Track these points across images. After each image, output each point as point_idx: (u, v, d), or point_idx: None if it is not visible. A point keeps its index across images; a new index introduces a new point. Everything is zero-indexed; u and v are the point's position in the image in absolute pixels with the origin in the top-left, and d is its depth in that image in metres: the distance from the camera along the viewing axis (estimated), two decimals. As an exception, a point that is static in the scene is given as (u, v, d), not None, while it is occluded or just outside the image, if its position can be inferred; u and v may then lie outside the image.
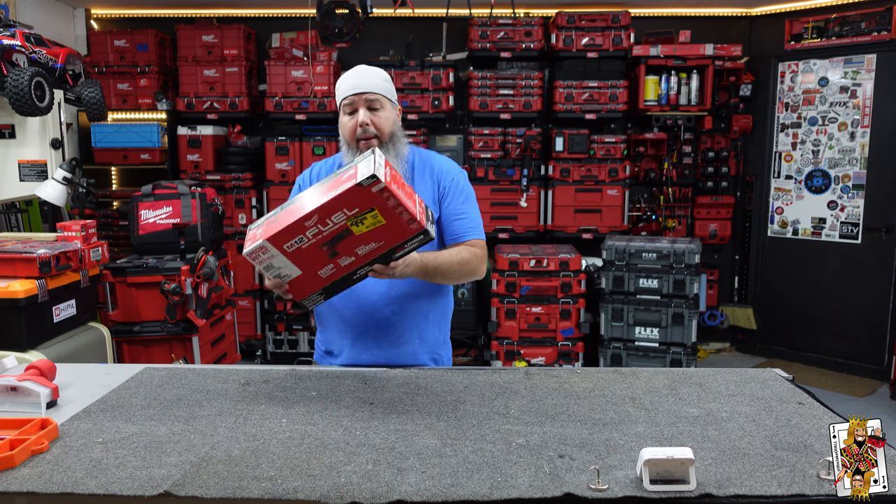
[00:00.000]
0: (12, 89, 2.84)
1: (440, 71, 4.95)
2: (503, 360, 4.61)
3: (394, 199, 1.43)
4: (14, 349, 2.49)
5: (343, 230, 1.47)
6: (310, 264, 1.53)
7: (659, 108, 5.07)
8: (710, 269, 5.51)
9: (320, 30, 4.32)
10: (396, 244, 1.52)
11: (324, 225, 1.45)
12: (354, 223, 1.46)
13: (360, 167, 1.45)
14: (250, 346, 5.22)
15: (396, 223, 1.47)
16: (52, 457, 1.29)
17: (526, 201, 5.00)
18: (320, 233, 1.47)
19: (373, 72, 1.89)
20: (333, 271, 1.55)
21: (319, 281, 1.57)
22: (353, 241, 1.49)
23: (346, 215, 1.44)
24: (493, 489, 1.17)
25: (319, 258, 1.51)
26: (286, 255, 1.50)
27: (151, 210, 3.80)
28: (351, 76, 1.88)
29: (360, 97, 1.84)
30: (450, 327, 2.07)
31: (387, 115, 1.87)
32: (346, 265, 1.54)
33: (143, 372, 1.82)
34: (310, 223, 1.45)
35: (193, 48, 5.08)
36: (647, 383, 1.73)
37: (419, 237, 1.52)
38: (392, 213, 1.45)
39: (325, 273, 1.55)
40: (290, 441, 1.37)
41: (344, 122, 1.88)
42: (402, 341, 1.91)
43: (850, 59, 4.92)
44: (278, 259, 1.51)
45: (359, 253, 1.52)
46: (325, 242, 1.48)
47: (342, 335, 1.93)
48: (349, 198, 1.42)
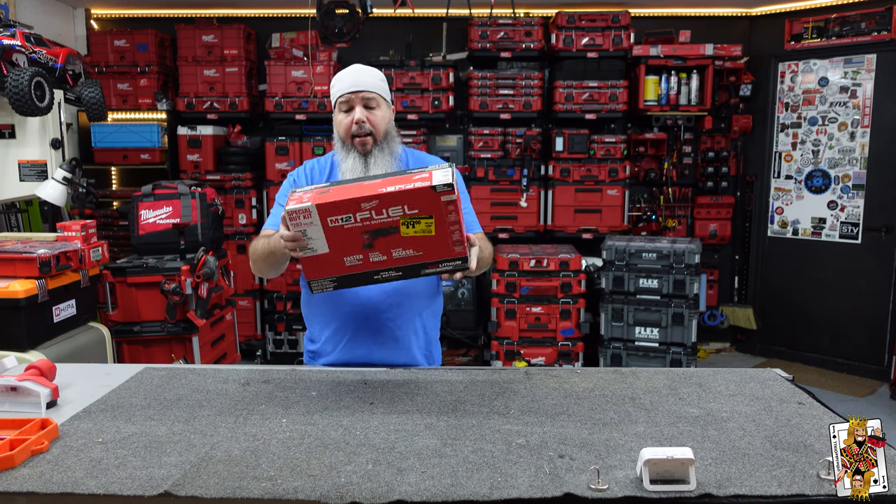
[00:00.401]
0: (12, 89, 2.84)
1: (440, 71, 4.95)
2: (503, 360, 4.61)
3: (455, 215, 1.44)
4: (14, 349, 2.49)
5: (392, 226, 1.45)
6: (341, 247, 1.49)
7: (659, 108, 5.07)
8: (710, 269, 5.51)
9: (320, 30, 4.32)
10: (432, 260, 1.51)
11: (378, 213, 1.44)
12: (406, 223, 1.45)
13: (435, 174, 1.45)
14: (250, 346, 5.22)
15: (443, 239, 1.47)
16: (52, 457, 1.29)
17: (526, 201, 5.00)
18: (370, 220, 1.45)
19: (369, 71, 1.92)
20: (360, 263, 1.52)
21: (341, 268, 1.53)
22: (395, 241, 1.48)
23: (403, 212, 1.44)
24: (493, 489, 1.17)
25: (354, 244, 1.49)
26: (324, 229, 1.47)
27: (151, 210, 3.80)
28: (347, 74, 1.89)
29: (356, 95, 1.86)
30: (440, 326, 2.09)
31: (382, 114, 1.89)
32: (375, 262, 1.51)
33: (143, 372, 1.82)
34: (366, 206, 1.43)
35: (193, 48, 5.08)
36: (647, 383, 1.73)
37: (456, 262, 1.52)
38: (445, 228, 1.45)
39: (351, 262, 1.52)
40: (290, 441, 1.37)
41: (339, 119, 1.90)
42: (398, 338, 1.91)
43: (850, 59, 4.92)
44: (315, 230, 1.47)
45: (393, 255, 1.50)
46: (369, 231, 1.46)
47: (336, 331, 1.93)
48: (416, 197, 1.42)
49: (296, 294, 5.09)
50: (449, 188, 1.42)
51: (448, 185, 1.41)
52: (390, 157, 1.89)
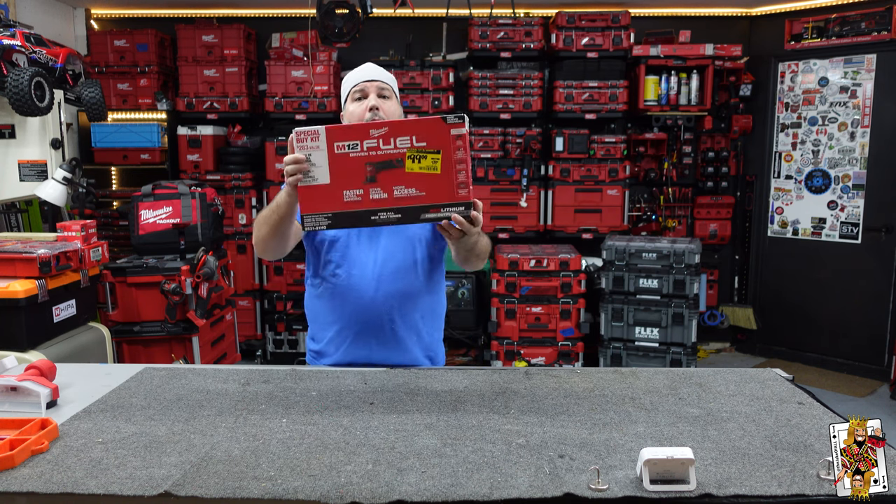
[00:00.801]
0: (12, 89, 2.84)
1: (440, 71, 4.95)
2: (503, 360, 4.61)
3: (462, 153, 1.44)
4: (14, 349, 2.49)
5: (397, 159, 1.45)
6: (343, 179, 1.48)
7: (659, 108, 5.07)
8: (710, 269, 5.51)
9: (320, 30, 4.32)
10: (434, 203, 1.48)
11: (385, 143, 1.44)
12: (412, 157, 1.44)
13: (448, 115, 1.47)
14: (250, 346, 5.22)
15: (448, 180, 1.46)
16: (52, 457, 1.29)
17: (526, 201, 5.00)
18: (377, 149, 1.45)
19: (383, 69, 1.96)
20: (358, 200, 1.49)
21: (338, 203, 1.49)
22: (398, 177, 1.46)
23: (411, 144, 1.44)
24: (493, 489, 1.17)
25: (356, 177, 1.47)
26: (329, 155, 1.46)
27: (151, 210, 3.80)
28: (362, 67, 1.95)
29: (371, 83, 1.89)
30: (443, 326, 2.09)
31: (394, 107, 1.91)
32: (374, 200, 1.48)
33: (143, 372, 1.82)
34: (375, 133, 1.44)
35: (193, 48, 5.08)
36: (647, 383, 1.73)
37: (459, 207, 1.49)
38: (451, 166, 1.45)
39: (349, 197, 1.49)
40: (290, 441, 1.37)
41: (351, 109, 1.89)
42: (399, 339, 1.91)
43: (850, 59, 4.92)
44: (319, 155, 1.47)
45: (394, 193, 1.47)
46: (374, 163, 1.45)
47: (339, 332, 1.92)
48: (426, 127, 1.43)
49: (296, 294, 5.09)
50: (460, 120, 1.43)
51: (459, 117, 1.43)
52: None
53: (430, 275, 1.95)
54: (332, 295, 1.90)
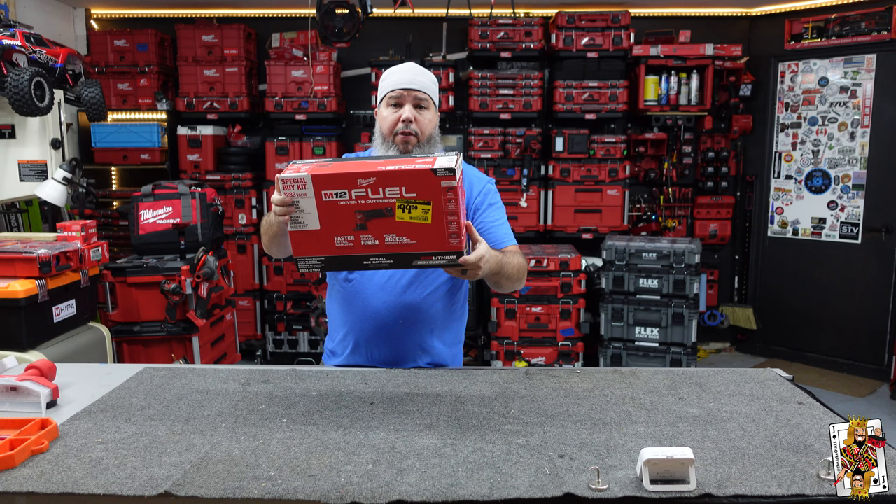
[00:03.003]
0: (12, 89, 2.84)
1: (440, 71, 4.95)
2: (503, 360, 4.61)
3: (453, 204, 1.39)
4: (14, 349, 2.49)
5: (387, 208, 1.41)
6: (333, 225, 1.44)
7: (659, 108, 5.07)
8: (710, 269, 5.51)
9: (320, 30, 4.32)
10: (426, 251, 1.46)
11: (374, 192, 1.39)
12: (402, 207, 1.40)
13: (439, 158, 1.41)
14: (250, 346, 5.22)
15: (439, 230, 1.42)
16: (52, 457, 1.29)
17: (526, 201, 5.00)
18: (365, 198, 1.40)
19: (424, 71, 1.87)
20: (349, 245, 1.46)
21: (330, 248, 1.48)
22: (388, 226, 1.43)
23: (400, 194, 1.39)
24: (493, 489, 1.17)
25: (346, 224, 1.44)
26: (317, 203, 1.42)
27: (151, 210, 3.80)
28: (402, 70, 1.85)
29: (409, 93, 1.82)
30: (461, 341, 2.02)
31: (430, 118, 1.86)
32: (365, 246, 1.46)
33: (143, 372, 1.82)
34: (363, 182, 1.39)
35: (193, 48, 5.08)
36: (647, 383, 1.73)
37: (451, 257, 1.46)
38: (442, 217, 1.41)
39: (340, 243, 1.46)
40: (290, 441, 1.37)
41: (385, 114, 1.85)
42: (404, 352, 1.89)
43: (850, 59, 4.92)
44: (307, 202, 1.43)
45: (385, 240, 1.45)
46: (363, 211, 1.42)
47: (347, 336, 1.93)
48: (415, 179, 1.37)
49: (296, 294, 5.10)
50: (450, 173, 1.37)
51: (449, 170, 1.37)
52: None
53: (447, 290, 1.90)
54: (343, 299, 1.90)
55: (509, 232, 1.92)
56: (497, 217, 1.91)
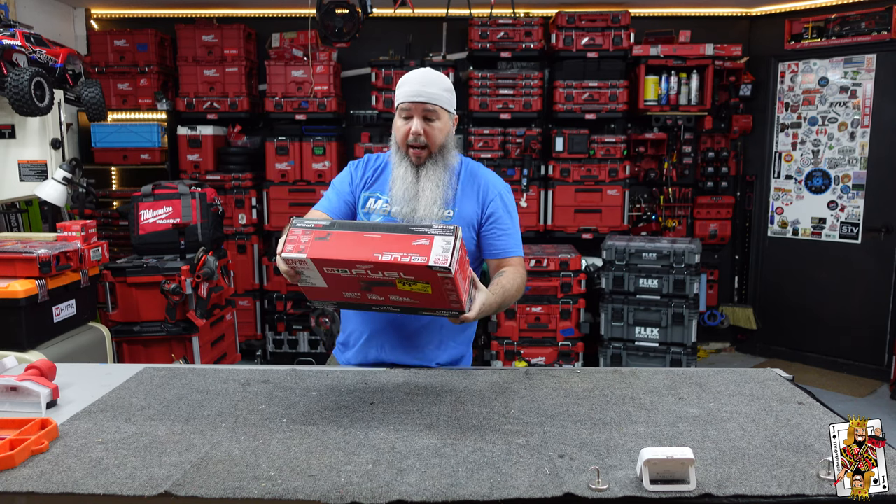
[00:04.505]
0: (12, 89, 2.83)
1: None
2: (503, 360, 4.61)
3: (451, 285, 1.42)
4: (14, 349, 2.48)
5: (388, 283, 1.46)
6: (339, 287, 1.51)
7: (659, 108, 5.07)
8: (710, 269, 5.51)
9: (320, 30, 4.32)
10: (429, 308, 1.54)
11: (374, 272, 1.43)
12: (403, 283, 1.45)
13: (435, 247, 1.38)
14: (250, 346, 5.22)
15: (441, 296, 1.47)
16: (52, 457, 1.29)
17: (526, 201, 5.00)
18: (366, 276, 1.44)
19: (435, 80, 1.85)
20: (357, 298, 1.55)
21: (339, 298, 1.57)
22: (392, 291, 1.49)
23: (399, 277, 1.43)
24: (493, 489, 1.17)
25: (351, 287, 1.50)
26: (322, 274, 1.48)
27: (151, 210, 3.80)
28: (412, 81, 1.84)
29: (416, 106, 1.82)
30: (471, 340, 2.05)
31: (441, 127, 1.85)
32: (372, 300, 1.55)
33: (143, 372, 1.82)
34: (361, 267, 1.42)
35: (193, 48, 5.08)
36: (647, 383, 1.73)
37: (453, 312, 1.54)
38: (442, 290, 1.44)
39: (349, 296, 1.54)
40: (290, 441, 1.37)
41: (398, 125, 1.87)
42: (417, 345, 1.91)
43: (850, 59, 4.92)
44: (312, 272, 1.48)
45: (391, 298, 1.52)
46: (366, 282, 1.47)
47: (357, 328, 1.95)
48: (412, 270, 1.40)
49: (296, 294, 5.09)
50: (445, 270, 1.37)
51: (445, 268, 1.36)
52: (443, 171, 1.86)
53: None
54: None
55: (517, 242, 1.92)
56: (507, 226, 1.91)
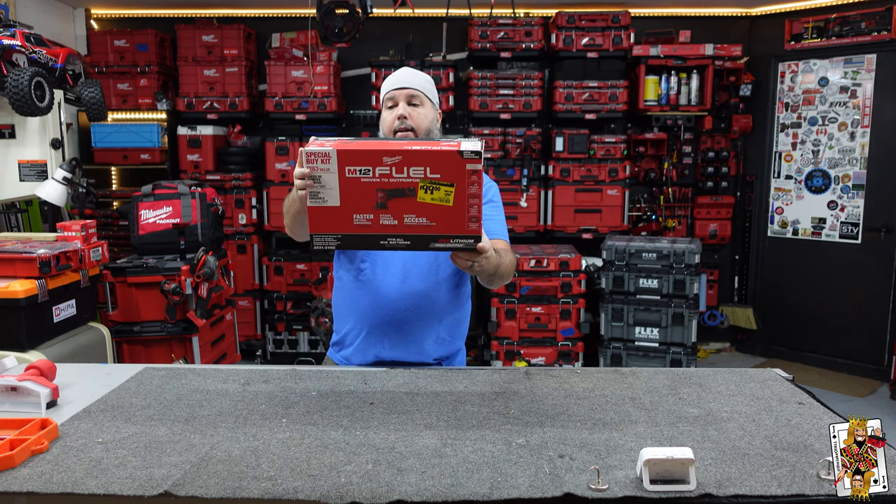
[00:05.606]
0: (12, 89, 2.83)
1: (440, 71, 4.95)
2: (503, 360, 4.61)
3: (476, 188, 1.41)
4: (14, 349, 2.48)
5: (409, 188, 1.42)
6: (352, 202, 1.45)
7: (659, 108, 5.07)
8: (710, 269, 5.51)
9: (320, 30, 4.32)
10: (444, 234, 1.47)
11: (399, 171, 1.40)
12: (425, 188, 1.41)
13: (464, 142, 1.42)
14: (250, 346, 5.22)
15: (460, 213, 1.44)
16: (52, 457, 1.29)
17: (526, 201, 5.00)
18: (389, 177, 1.41)
19: (416, 72, 1.98)
20: (368, 224, 1.47)
21: (348, 225, 1.48)
22: (408, 206, 1.44)
23: (424, 174, 1.40)
24: (493, 489, 1.17)
25: (366, 202, 1.44)
26: (340, 178, 1.43)
27: (151, 210, 3.80)
28: (395, 74, 1.97)
29: (400, 91, 1.92)
30: (464, 336, 2.07)
31: (425, 112, 1.93)
32: (384, 226, 1.46)
33: (143, 372, 1.82)
34: (388, 160, 1.40)
35: (193, 48, 5.08)
36: (647, 383, 1.73)
37: (468, 240, 1.48)
38: (464, 200, 1.42)
39: (359, 221, 1.47)
40: (290, 441, 1.37)
41: (384, 117, 1.95)
42: (414, 340, 1.91)
43: (850, 59, 4.92)
44: (330, 177, 1.43)
45: (404, 221, 1.45)
46: (385, 189, 1.42)
47: (356, 326, 1.94)
48: (441, 160, 1.39)
49: (296, 294, 5.09)
50: (476, 156, 1.39)
51: (476, 153, 1.39)
52: None
53: (455, 282, 1.95)
54: (354, 289, 1.92)
55: (503, 228, 1.96)
56: (494, 214, 1.95)
